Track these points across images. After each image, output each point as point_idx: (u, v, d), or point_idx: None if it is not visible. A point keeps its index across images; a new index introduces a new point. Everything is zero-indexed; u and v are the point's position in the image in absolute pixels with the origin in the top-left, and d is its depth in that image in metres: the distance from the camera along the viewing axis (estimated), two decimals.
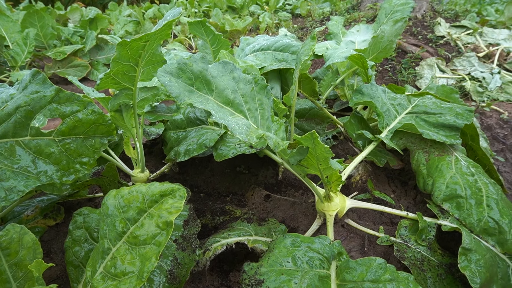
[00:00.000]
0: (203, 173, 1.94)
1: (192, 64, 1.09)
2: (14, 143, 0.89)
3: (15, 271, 0.87)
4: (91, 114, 0.95)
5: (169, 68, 1.07)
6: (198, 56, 1.13)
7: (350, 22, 4.00)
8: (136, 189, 0.87)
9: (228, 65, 1.18)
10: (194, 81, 1.09)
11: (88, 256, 1.04)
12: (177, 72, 1.08)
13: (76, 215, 1.10)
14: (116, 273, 0.81)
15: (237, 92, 1.16)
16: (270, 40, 1.92)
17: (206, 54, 2.45)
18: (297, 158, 1.11)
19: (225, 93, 1.13)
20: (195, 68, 1.10)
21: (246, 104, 1.17)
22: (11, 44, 3.48)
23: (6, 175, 0.85)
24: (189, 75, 1.09)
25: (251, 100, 1.19)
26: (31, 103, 0.89)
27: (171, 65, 1.08)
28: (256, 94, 1.22)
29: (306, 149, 1.07)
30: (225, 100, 1.13)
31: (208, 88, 1.11)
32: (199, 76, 1.10)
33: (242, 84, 1.18)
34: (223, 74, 1.16)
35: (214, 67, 1.15)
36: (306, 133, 0.97)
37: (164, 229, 0.81)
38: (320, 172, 1.19)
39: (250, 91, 1.20)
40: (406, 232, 1.31)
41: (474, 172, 1.36)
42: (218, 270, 1.31)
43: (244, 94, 1.17)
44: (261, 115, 1.20)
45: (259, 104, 1.21)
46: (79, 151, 0.96)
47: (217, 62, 1.18)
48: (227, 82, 1.15)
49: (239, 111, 1.14)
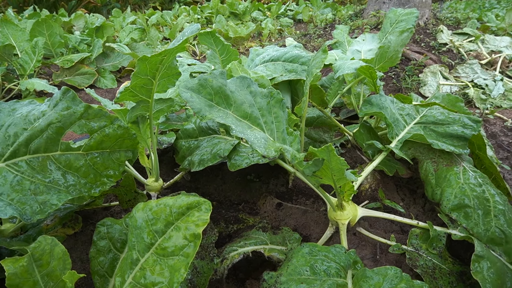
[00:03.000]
0: (215, 181, 1.98)
1: (212, 80, 1.14)
2: (46, 158, 0.93)
3: (46, 282, 0.91)
4: (118, 129, 0.99)
5: (190, 84, 1.12)
6: (217, 72, 1.17)
7: (354, 30, 4.06)
8: (164, 202, 0.90)
9: (245, 80, 1.23)
10: (214, 96, 1.14)
11: (113, 265, 1.08)
12: (198, 88, 1.12)
13: (99, 226, 1.13)
14: (146, 283, 0.84)
15: (254, 106, 1.20)
16: (280, 51, 1.97)
17: (215, 63, 2.50)
18: (312, 169, 1.15)
19: (243, 107, 1.17)
20: (215, 84, 1.15)
21: (262, 118, 1.21)
22: (20, 52, 3.53)
23: (40, 189, 0.88)
24: (209, 90, 1.14)
25: (267, 113, 1.23)
26: (62, 120, 0.93)
27: (192, 81, 1.13)
28: (272, 108, 1.26)
29: (321, 161, 1.10)
30: (243, 114, 1.17)
31: (227, 103, 1.16)
32: (218, 92, 1.15)
33: (259, 98, 1.23)
34: (241, 88, 1.21)
35: (232, 82, 1.20)
36: (323, 146, 1.01)
37: (192, 241, 0.85)
38: (334, 182, 1.23)
39: (267, 104, 1.25)
40: (417, 240, 1.34)
41: (482, 183, 1.40)
42: (234, 278, 1.35)
43: (261, 108, 1.22)
44: (277, 127, 1.25)
45: (275, 117, 1.26)
46: (105, 164, 0.99)
47: (235, 77, 1.22)
48: (244, 96, 1.19)
49: (256, 124, 1.19)
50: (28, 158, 0.92)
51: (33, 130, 0.92)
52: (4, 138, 0.93)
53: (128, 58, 4.19)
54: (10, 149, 0.92)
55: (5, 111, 0.99)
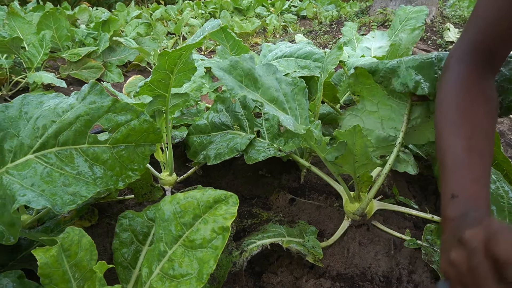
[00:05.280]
0: (226, 176, 1.99)
1: (242, 62, 1.20)
2: (74, 150, 0.94)
3: (74, 272, 0.92)
4: (144, 123, 1.00)
5: (222, 65, 1.21)
6: (247, 56, 1.23)
7: (360, 27, 4.06)
8: (191, 195, 0.92)
9: (271, 67, 1.28)
10: (243, 78, 1.20)
11: (135, 257, 1.10)
12: (229, 68, 1.18)
13: (121, 218, 1.15)
14: (174, 274, 0.86)
15: (279, 91, 1.25)
16: (292, 47, 1.97)
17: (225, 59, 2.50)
18: (335, 154, 1.15)
19: (270, 91, 1.22)
20: (245, 66, 1.20)
21: (287, 103, 1.26)
22: (27, 45, 3.52)
23: (69, 181, 0.90)
24: (240, 72, 1.20)
25: (291, 100, 1.28)
26: (90, 113, 0.94)
27: (224, 62, 1.23)
28: (296, 95, 1.31)
29: (345, 144, 1.10)
30: (270, 98, 1.22)
31: (255, 86, 1.21)
32: (248, 74, 1.20)
33: (283, 85, 1.28)
34: (267, 74, 1.26)
35: (259, 68, 1.26)
36: (349, 128, 1.01)
37: (220, 234, 0.86)
38: (354, 170, 1.24)
39: (291, 91, 1.29)
40: (431, 236, 1.36)
41: (496, 180, 1.41)
42: (250, 272, 1.36)
43: (286, 94, 1.27)
44: (300, 114, 1.29)
45: (298, 104, 1.30)
46: (131, 158, 1.01)
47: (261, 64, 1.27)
48: (271, 81, 1.25)
49: (282, 109, 1.23)
50: (56, 150, 0.93)
51: (62, 123, 0.93)
52: (33, 130, 0.94)
53: (135, 52, 4.19)
54: (39, 141, 0.93)
55: (33, 103, 1.00)
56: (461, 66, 0.92)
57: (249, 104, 1.72)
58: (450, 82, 0.93)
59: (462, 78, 0.91)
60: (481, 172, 0.79)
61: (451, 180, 0.80)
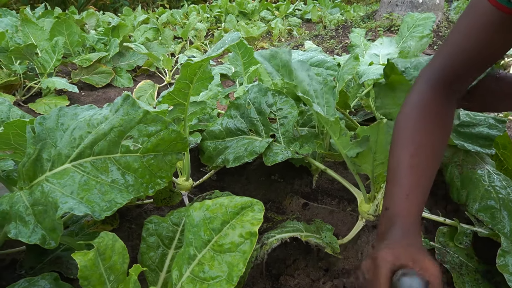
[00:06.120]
0: (239, 181, 2.05)
1: (281, 53, 1.35)
2: (108, 159, 0.99)
3: (109, 274, 0.97)
4: (172, 133, 1.05)
5: (264, 53, 1.39)
6: (286, 49, 1.33)
7: (367, 32, 4.11)
8: (219, 202, 0.97)
9: (304, 64, 1.44)
10: (280, 68, 1.35)
11: (162, 260, 1.15)
12: (269, 57, 1.37)
13: (147, 223, 1.20)
14: (205, 277, 0.91)
15: (310, 87, 1.34)
16: (305, 55, 2.03)
17: (237, 66, 2.56)
18: (357, 150, 1.20)
19: (303, 85, 1.33)
20: (283, 57, 1.32)
21: (316, 99, 1.36)
22: (40, 51, 3.60)
23: (105, 188, 0.95)
24: (278, 62, 1.35)
25: (320, 97, 1.37)
26: (123, 124, 0.99)
27: (264, 51, 1.40)
28: (325, 94, 1.41)
29: (367, 139, 1.14)
30: (303, 90, 1.33)
31: (289, 78, 1.32)
32: (285, 65, 1.33)
33: (314, 82, 1.38)
34: (301, 70, 1.38)
35: (294, 62, 1.42)
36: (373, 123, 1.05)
37: (248, 239, 0.91)
38: (372, 169, 1.28)
39: (320, 89, 1.40)
40: (444, 238, 1.41)
41: (506, 185, 1.46)
42: (268, 275, 1.41)
43: (316, 90, 1.38)
44: (327, 111, 1.35)
45: (326, 102, 1.38)
46: (159, 166, 1.06)
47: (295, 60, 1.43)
48: (304, 76, 1.38)
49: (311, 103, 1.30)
50: (92, 160, 0.99)
51: (97, 134, 0.99)
52: (70, 141, 1.00)
53: (143, 57, 4.25)
54: (75, 151, 0.98)
55: (68, 115, 1.05)
56: (427, 91, 0.96)
57: (265, 110, 1.77)
58: (412, 105, 0.97)
59: (423, 104, 0.95)
60: (414, 189, 0.84)
61: (387, 194, 0.88)
